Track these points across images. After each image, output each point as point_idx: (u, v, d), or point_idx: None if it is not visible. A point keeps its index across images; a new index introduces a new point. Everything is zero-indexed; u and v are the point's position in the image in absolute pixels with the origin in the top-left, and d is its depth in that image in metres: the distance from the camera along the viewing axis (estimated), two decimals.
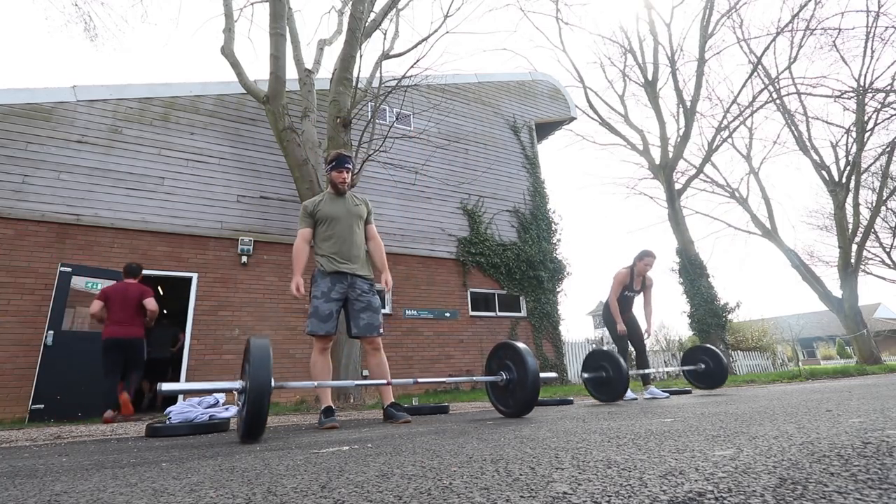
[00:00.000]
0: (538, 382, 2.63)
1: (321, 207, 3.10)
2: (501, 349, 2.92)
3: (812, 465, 0.87)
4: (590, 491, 0.77)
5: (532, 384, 2.62)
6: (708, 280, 11.69)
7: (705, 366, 4.85)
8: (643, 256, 4.97)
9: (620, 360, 4.00)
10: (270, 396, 2.02)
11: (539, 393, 2.65)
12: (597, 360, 4.19)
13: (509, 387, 2.79)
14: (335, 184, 3.13)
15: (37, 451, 2.29)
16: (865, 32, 12.99)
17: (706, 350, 4.95)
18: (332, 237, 3.05)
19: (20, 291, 5.84)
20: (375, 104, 7.32)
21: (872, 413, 1.70)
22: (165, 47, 72.59)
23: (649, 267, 4.96)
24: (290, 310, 7.43)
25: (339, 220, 3.07)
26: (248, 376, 2.02)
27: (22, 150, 6.36)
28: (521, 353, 2.74)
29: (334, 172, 3.12)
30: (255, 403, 1.97)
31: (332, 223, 3.07)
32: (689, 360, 5.00)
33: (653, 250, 5.00)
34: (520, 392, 2.70)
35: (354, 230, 3.11)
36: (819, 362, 27.47)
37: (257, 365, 2.00)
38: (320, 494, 0.87)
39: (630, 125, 14.53)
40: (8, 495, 1.05)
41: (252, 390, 1.98)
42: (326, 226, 3.07)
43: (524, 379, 2.67)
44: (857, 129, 13.84)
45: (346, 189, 3.17)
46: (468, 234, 9.60)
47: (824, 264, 20.25)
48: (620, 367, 3.94)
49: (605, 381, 4.06)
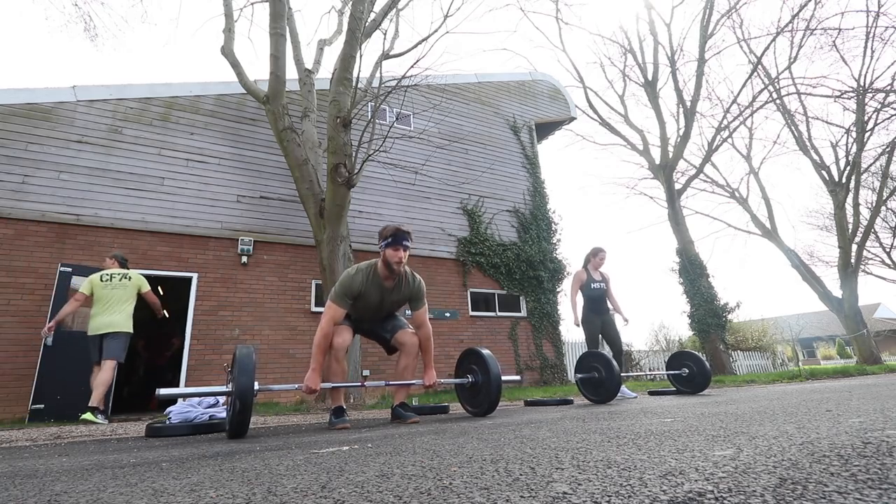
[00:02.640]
0: (500, 384, 2.91)
1: (363, 290, 2.76)
2: (468, 356, 3.21)
3: (812, 465, 0.87)
4: (590, 491, 0.77)
5: (495, 386, 2.90)
6: (708, 280, 11.68)
7: (689, 370, 5.07)
8: (596, 253, 5.31)
9: (612, 362, 4.08)
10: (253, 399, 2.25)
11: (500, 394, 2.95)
12: (589, 361, 4.29)
13: (475, 388, 3.09)
14: (390, 263, 2.75)
15: (37, 451, 2.29)
16: (865, 32, 12.99)
17: (690, 356, 5.21)
18: (357, 312, 2.88)
19: (20, 291, 5.84)
20: (375, 104, 7.32)
21: (872, 413, 1.70)
22: (165, 47, 72.58)
23: (603, 261, 5.30)
24: (290, 310, 7.43)
25: (370, 308, 2.87)
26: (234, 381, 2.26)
27: (22, 150, 6.35)
28: (485, 358, 3.01)
29: (391, 250, 2.73)
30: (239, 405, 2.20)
31: (366, 304, 2.82)
32: (674, 366, 5.26)
33: (602, 246, 5.37)
34: (484, 393, 2.98)
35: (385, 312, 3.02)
36: (819, 362, 27.47)
37: (241, 371, 2.21)
38: (320, 494, 0.87)
39: (630, 125, 14.53)
40: (8, 495, 1.05)
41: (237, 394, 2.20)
42: (359, 303, 2.81)
43: (488, 382, 2.95)
44: (857, 129, 13.84)
45: (400, 271, 2.80)
46: (468, 234, 9.60)
47: (824, 264, 20.27)
48: (612, 368, 4.00)
49: (598, 381, 4.13)
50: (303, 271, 7.67)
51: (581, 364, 4.35)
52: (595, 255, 5.30)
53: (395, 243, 2.72)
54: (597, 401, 4.13)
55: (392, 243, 2.73)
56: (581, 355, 4.44)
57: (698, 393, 4.94)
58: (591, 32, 26.18)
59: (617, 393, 4.06)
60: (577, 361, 4.40)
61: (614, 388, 3.98)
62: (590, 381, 4.22)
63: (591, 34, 26.38)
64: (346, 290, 2.74)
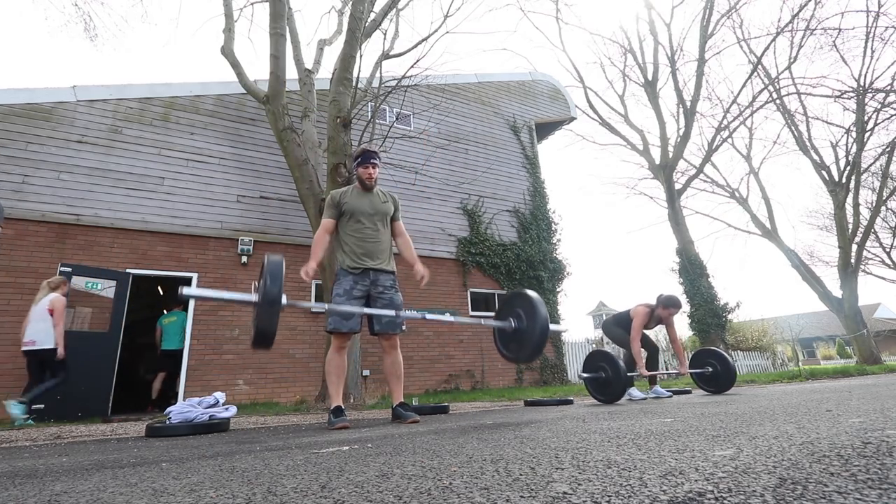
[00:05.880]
0: (546, 329, 2.57)
1: (347, 200, 3.06)
2: (514, 297, 2.87)
3: (812, 465, 0.87)
4: (590, 491, 0.77)
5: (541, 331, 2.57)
6: (708, 280, 11.69)
7: (713, 369, 4.74)
8: (669, 305, 4.70)
9: (619, 362, 4.02)
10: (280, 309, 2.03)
11: (545, 341, 2.62)
12: (596, 360, 4.21)
13: (516, 335, 2.75)
14: (362, 179, 3.10)
15: (37, 451, 2.29)
16: (865, 32, 13.00)
17: (713, 353, 4.84)
18: (356, 233, 3.02)
19: (20, 291, 5.84)
20: (375, 104, 7.32)
21: (872, 413, 1.70)
22: (165, 47, 72.56)
23: (671, 317, 4.78)
24: (291, 310, 7.43)
25: (364, 215, 3.04)
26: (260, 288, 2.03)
27: (22, 150, 6.35)
28: (534, 301, 2.67)
29: (361, 168, 3.09)
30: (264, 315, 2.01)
31: (357, 218, 3.04)
32: (696, 364, 4.92)
33: (680, 300, 4.76)
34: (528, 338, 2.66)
35: (379, 227, 3.09)
36: (819, 362, 27.46)
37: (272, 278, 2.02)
38: (320, 494, 0.87)
39: (630, 125, 14.55)
40: (8, 495, 1.05)
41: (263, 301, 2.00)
42: (351, 220, 3.04)
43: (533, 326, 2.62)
44: (857, 129, 13.84)
45: (373, 185, 3.14)
46: (468, 234, 9.60)
47: (824, 264, 20.29)
48: (619, 369, 3.96)
49: (604, 381, 4.07)
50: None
51: (588, 363, 4.28)
52: (665, 308, 4.70)
53: (365, 162, 3.09)
54: (604, 401, 4.06)
55: (362, 162, 3.09)
56: (588, 354, 4.36)
57: (723, 392, 4.62)
58: (591, 32, 26.23)
59: (623, 393, 4.03)
60: (585, 360, 4.33)
61: (621, 388, 3.94)
62: (596, 381, 4.17)
63: (591, 34, 26.44)
64: (330, 202, 3.09)
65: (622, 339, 4.83)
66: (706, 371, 4.79)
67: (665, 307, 4.71)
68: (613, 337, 4.97)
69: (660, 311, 4.74)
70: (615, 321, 5.07)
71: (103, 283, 6.07)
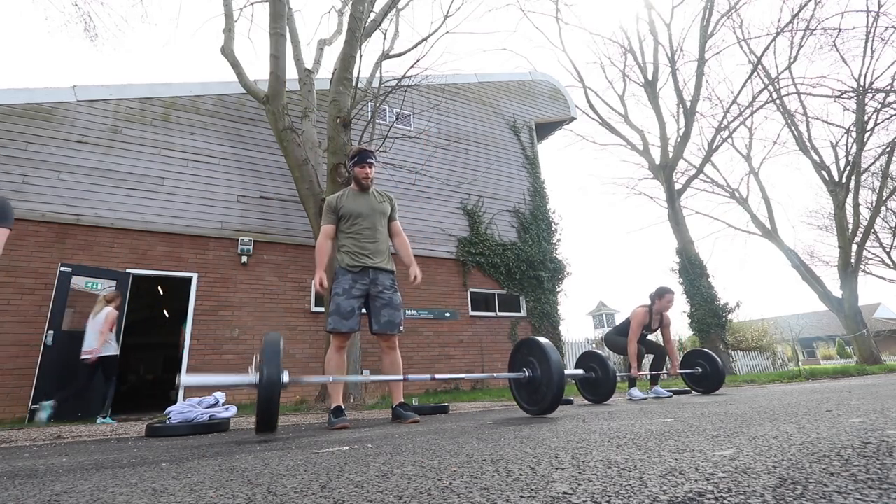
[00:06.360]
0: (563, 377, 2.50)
1: (344, 203, 3.06)
2: (523, 346, 2.83)
3: (812, 465, 0.87)
4: (590, 491, 0.77)
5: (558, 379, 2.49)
6: (708, 280, 11.69)
7: (702, 370, 4.88)
8: (662, 294, 4.79)
9: (609, 362, 4.05)
10: (281, 391, 2.04)
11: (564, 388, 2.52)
12: (587, 361, 4.26)
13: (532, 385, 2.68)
14: (358, 179, 3.09)
15: (37, 451, 2.29)
16: (865, 32, 13.00)
17: (703, 354, 5.00)
18: (355, 234, 3.02)
19: (20, 291, 5.84)
20: (375, 104, 7.32)
21: (872, 413, 1.70)
22: (165, 47, 72.55)
23: (670, 304, 4.81)
24: (290, 310, 7.43)
25: (362, 216, 3.04)
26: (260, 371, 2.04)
27: (22, 150, 6.35)
28: (544, 348, 2.60)
29: (357, 168, 3.08)
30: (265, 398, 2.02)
31: (354, 219, 3.04)
32: (687, 364, 5.04)
33: (671, 287, 4.87)
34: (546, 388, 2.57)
35: (378, 227, 3.08)
36: (819, 362, 27.46)
37: (268, 360, 2.04)
38: (320, 494, 0.87)
39: (630, 125, 14.54)
40: (8, 495, 1.05)
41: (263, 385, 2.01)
42: (349, 222, 3.04)
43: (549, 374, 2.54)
44: (857, 129, 13.84)
45: (369, 184, 3.14)
46: (468, 234, 9.60)
47: (824, 264, 20.28)
48: (608, 369, 3.99)
49: (594, 381, 4.11)
50: (302, 271, 7.67)
51: (579, 364, 4.33)
52: (660, 297, 4.76)
53: (361, 161, 3.07)
54: (594, 401, 4.12)
55: (358, 162, 3.08)
56: (580, 355, 4.42)
57: (712, 393, 4.76)
58: (591, 32, 26.22)
59: (613, 393, 4.06)
60: (577, 361, 4.39)
61: (611, 387, 3.98)
62: (587, 381, 4.21)
63: (591, 34, 26.39)
64: (327, 208, 3.09)
65: (624, 347, 4.85)
66: (696, 371, 4.92)
67: (660, 297, 4.80)
68: (616, 347, 5.00)
69: (657, 305, 4.81)
70: (616, 331, 5.14)
71: (103, 283, 6.07)
